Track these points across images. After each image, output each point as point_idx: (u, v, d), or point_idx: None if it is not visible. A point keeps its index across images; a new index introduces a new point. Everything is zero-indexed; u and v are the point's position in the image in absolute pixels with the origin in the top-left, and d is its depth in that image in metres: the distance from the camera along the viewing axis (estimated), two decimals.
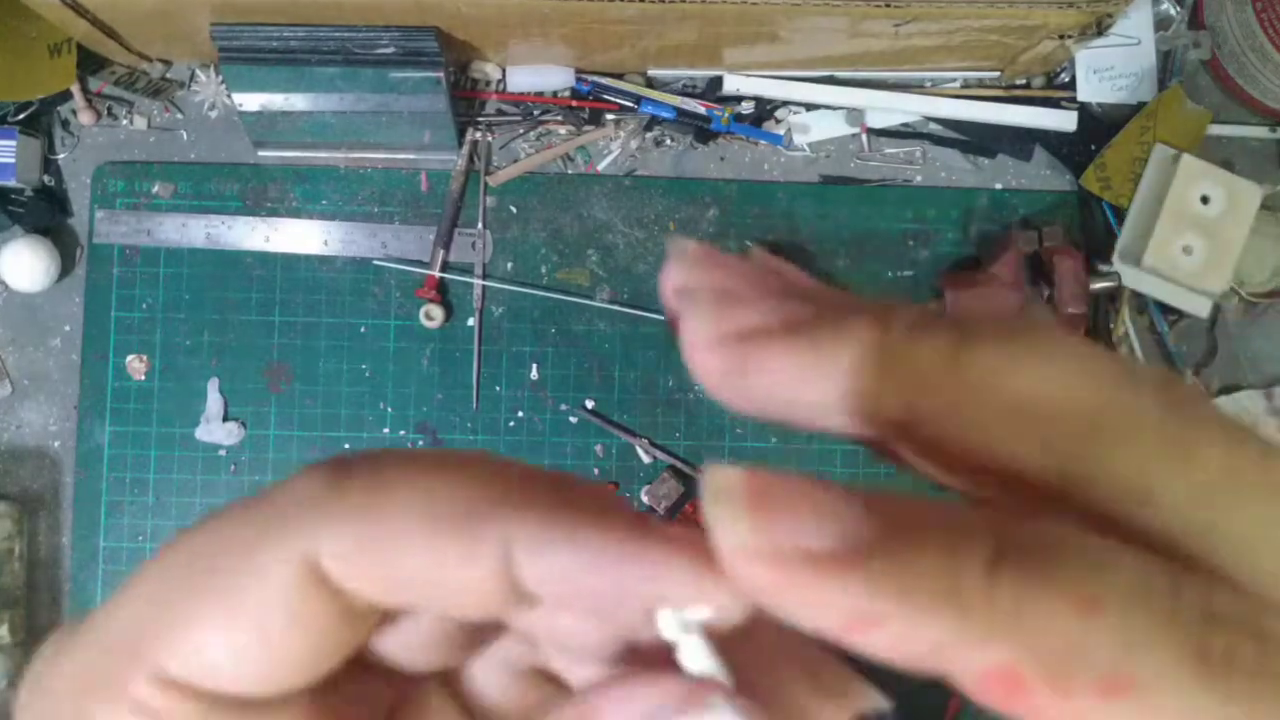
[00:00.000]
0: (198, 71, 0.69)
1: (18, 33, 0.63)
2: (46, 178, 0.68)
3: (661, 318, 0.68)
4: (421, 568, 0.16)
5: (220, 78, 0.67)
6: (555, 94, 0.68)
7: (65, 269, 0.67)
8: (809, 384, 0.15)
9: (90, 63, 0.67)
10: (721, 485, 0.15)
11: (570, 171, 0.69)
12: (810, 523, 0.14)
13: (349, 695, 0.19)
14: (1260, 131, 0.70)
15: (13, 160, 0.65)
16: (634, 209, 0.69)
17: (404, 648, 0.19)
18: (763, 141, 0.69)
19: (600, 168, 0.69)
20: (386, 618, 0.19)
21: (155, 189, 0.68)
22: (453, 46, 0.63)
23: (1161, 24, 0.69)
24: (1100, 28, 0.59)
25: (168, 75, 0.69)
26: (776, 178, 0.70)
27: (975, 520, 0.14)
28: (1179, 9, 0.69)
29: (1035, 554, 0.13)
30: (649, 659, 0.17)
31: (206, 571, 0.17)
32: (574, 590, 0.16)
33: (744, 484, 0.15)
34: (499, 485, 0.17)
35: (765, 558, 0.14)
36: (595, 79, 0.68)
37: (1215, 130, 0.69)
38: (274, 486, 0.17)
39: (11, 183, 0.65)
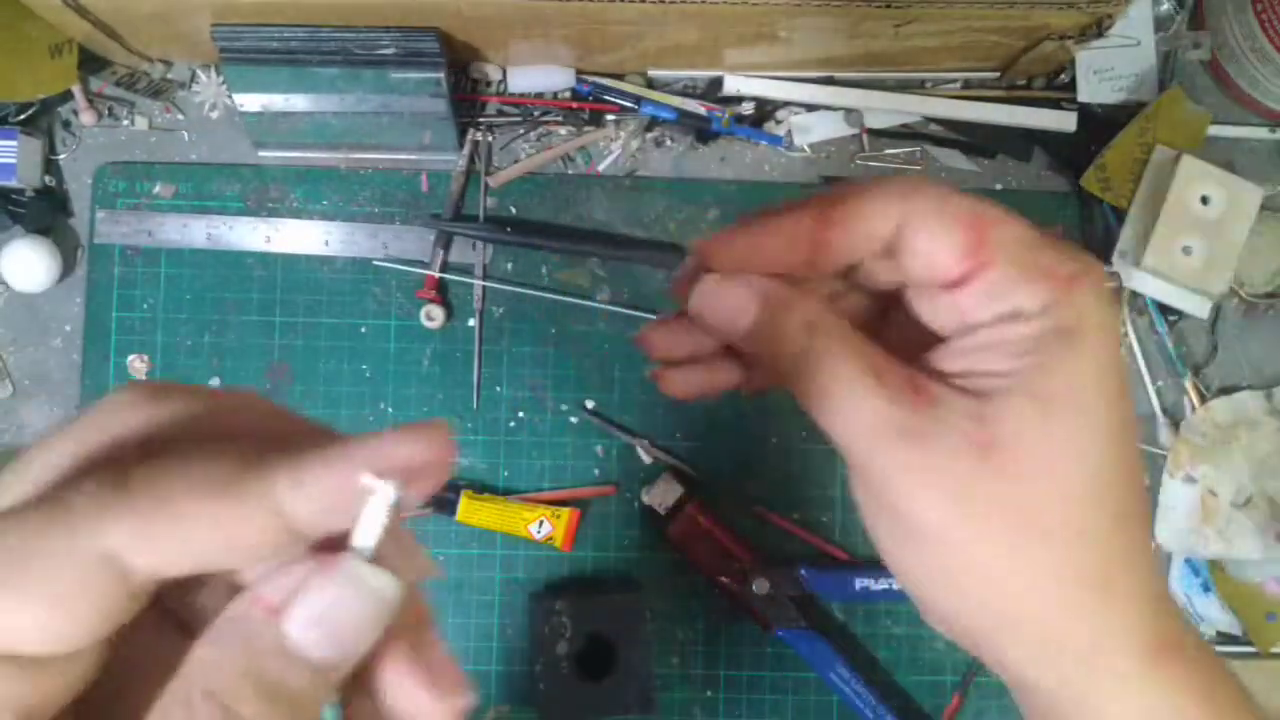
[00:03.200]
0: (199, 72, 0.69)
1: (19, 33, 0.63)
2: (47, 178, 0.68)
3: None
4: (207, 539, 0.20)
5: (221, 78, 0.67)
6: (556, 95, 0.69)
7: (66, 269, 0.67)
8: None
9: (91, 63, 0.67)
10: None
11: (571, 172, 0.69)
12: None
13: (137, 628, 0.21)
14: (1260, 132, 0.70)
15: (14, 161, 0.65)
16: (634, 210, 0.69)
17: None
18: (763, 142, 0.69)
19: (601, 169, 0.69)
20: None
21: (156, 189, 0.68)
22: (453, 47, 0.64)
23: (1162, 25, 0.69)
24: (1100, 29, 0.59)
25: (169, 76, 0.69)
26: (777, 178, 0.70)
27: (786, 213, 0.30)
28: (1179, 10, 0.69)
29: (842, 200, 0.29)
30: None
31: (11, 555, 0.19)
32: (334, 506, 0.20)
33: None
34: (249, 442, 0.21)
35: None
36: (596, 80, 0.68)
37: (1215, 131, 0.69)
38: (66, 484, 0.21)
39: (12, 183, 0.65)
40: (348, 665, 0.20)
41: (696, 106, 0.68)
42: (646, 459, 0.67)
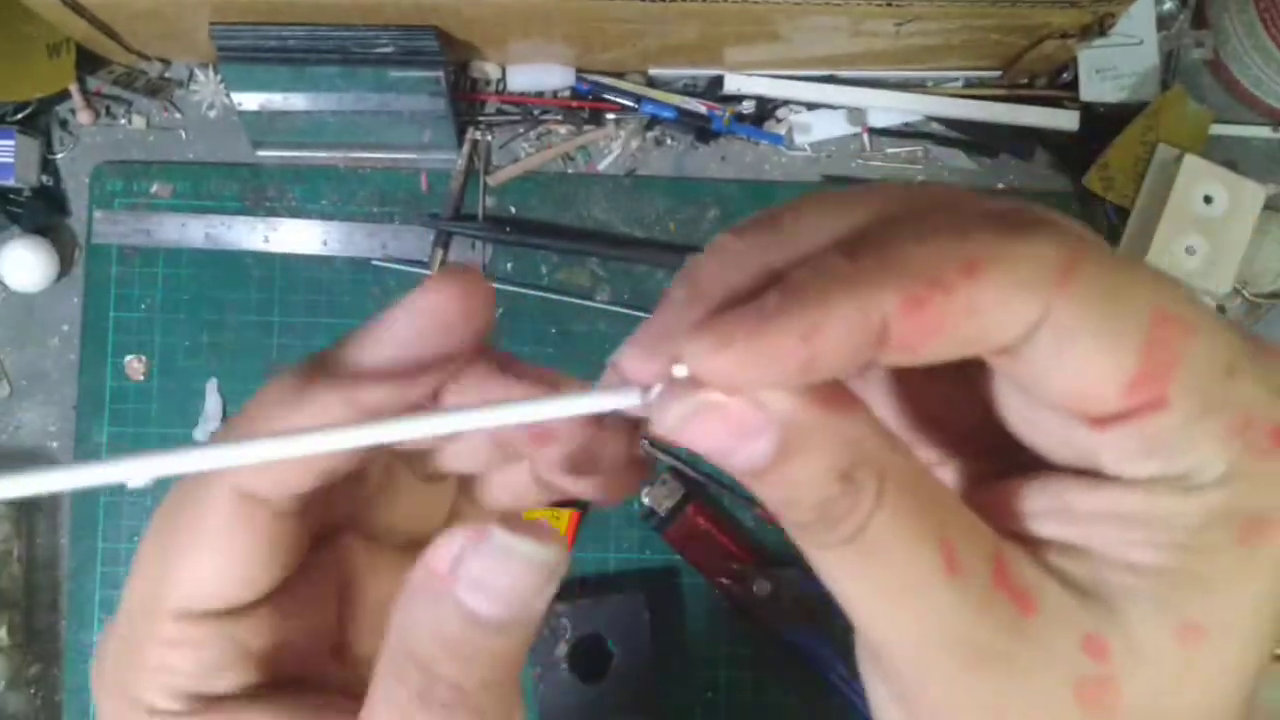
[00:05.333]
0: (196, 71, 0.68)
1: (16, 32, 0.62)
2: (45, 177, 0.68)
3: None
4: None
5: (219, 77, 0.67)
6: (555, 94, 0.68)
7: (63, 269, 0.67)
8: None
9: (89, 62, 0.67)
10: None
11: (570, 171, 0.69)
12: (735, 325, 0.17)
13: (301, 576, 0.24)
14: (1263, 131, 0.69)
15: (11, 160, 0.65)
16: (634, 209, 0.68)
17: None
18: (764, 141, 0.69)
19: (601, 168, 0.69)
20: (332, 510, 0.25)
21: (154, 189, 0.68)
22: (452, 46, 0.63)
23: (1164, 23, 0.69)
24: (1103, 27, 0.59)
25: (166, 75, 0.69)
26: (778, 178, 0.69)
27: (807, 271, 0.18)
28: (1182, 8, 0.69)
29: (882, 241, 0.18)
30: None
31: (176, 522, 0.23)
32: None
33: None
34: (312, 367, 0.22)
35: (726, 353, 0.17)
36: (595, 79, 0.67)
37: (1218, 130, 0.68)
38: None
39: (10, 182, 0.65)
40: (526, 620, 0.21)
41: (697, 105, 0.67)
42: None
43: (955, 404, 0.22)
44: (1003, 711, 0.18)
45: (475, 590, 0.20)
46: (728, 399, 0.18)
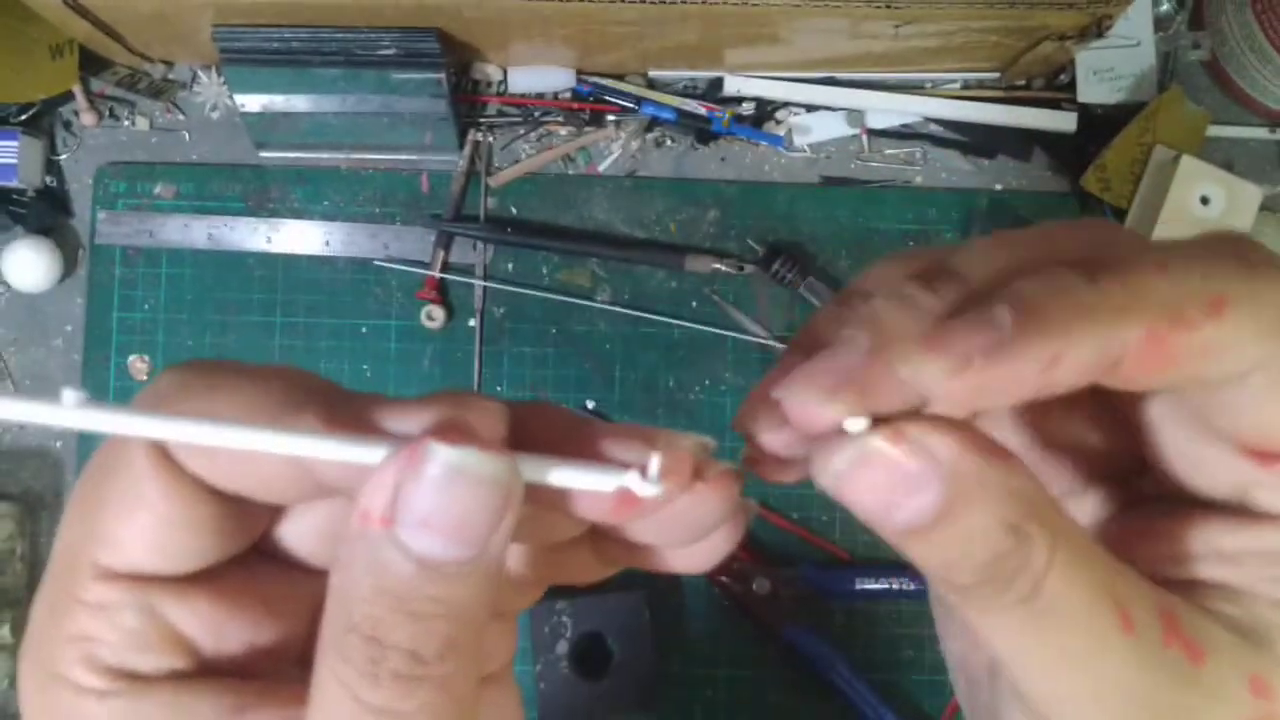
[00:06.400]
0: (199, 73, 0.69)
1: (19, 34, 0.63)
2: (49, 179, 0.68)
3: (660, 317, 0.68)
4: (226, 456, 0.19)
5: (222, 79, 0.67)
6: (556, 95, 0.69)
7: (67, 270, 0.67)
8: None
9: (92, 64, 0.67)
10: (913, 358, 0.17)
11: (571, 173, 0.69)
12: (969, 337, 0.17)
13: (267, 579, 0.22)
14: (1260, 133, 0.70)
15: (15, 161, 0.65)
16: (635, 210, 0.69)
17: (304, 550, 0.22)
18: (763, 143, 0.69)
19: (601, 169, 0.69)
20: (272, 511, 0.22)
21: (157, 190, 0.68)
22: (454, 48, 0.64)
23: (1161, 25, 0.69)
24: (1100, 29, 0.59)
25: (169, 76, 0.69)
26: (777, 179, 0.70)
27: (1047, 282, 0.17)
28: (1179, 10, 0.69)
29: (1109, 269, 0.17)
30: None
31: (101, 477, 0.20)
32: (345, 478, 0.19)
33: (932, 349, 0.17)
34: (299, 390, 0.20)
35: (961, 371, 0.17)
36: (596, 80, 0.68)
37: (1215, 131, 0.69)
38: (142, 391, 0.21)
39: (14, 184, 0.65)
40: (485, 562, 0.18)
41: (697, 107, 0.68)
42: None
43: (1084, 432, 0.21)
44: None
45: (419, 528, 0.17)
46: (893, 446, 0.17)
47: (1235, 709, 0.18)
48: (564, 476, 0.19)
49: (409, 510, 0.17)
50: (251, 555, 0.22)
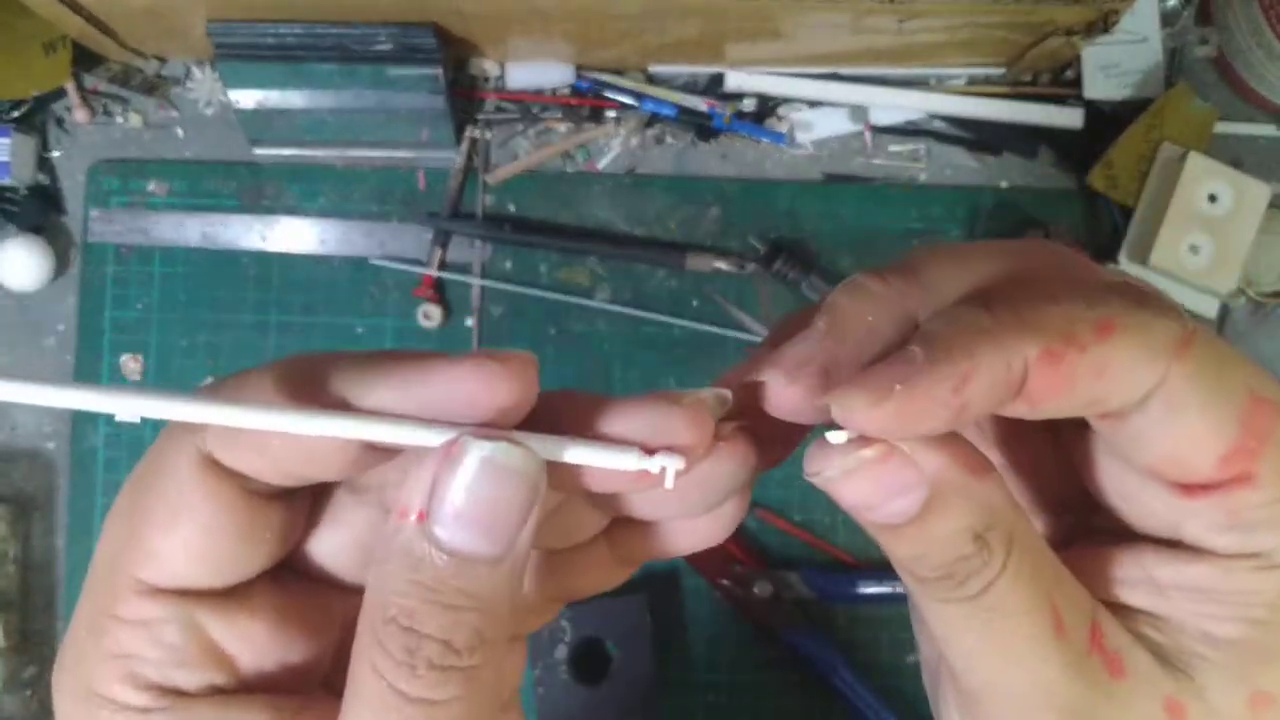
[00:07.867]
0: (193, 68, 0.68)
1: (12, 30, 0.62)
2: (41, 176, 0.67)
3: (661, 317, 0.67)
4: (281, 438, 0.20)
5: (216, 75, 0.67)
6: (555, 91, 0.68)
7: (59, 268, 0.66)
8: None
9: (85, 60, 0.66)
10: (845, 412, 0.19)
11: (570, 170, 0.69)
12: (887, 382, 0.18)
13: (301, 596, 0.22)
14: (1268, 129, 0.69)
15: (7, 159, 0.64)
16: (634, 207, 0.68)
17: (336, 566, 0.23)
18: (765, 139, 0.68)
19: (600, 166, 0.68)
20: (306, 521, 0.23)
21: (150, 187, 0.67)
22: (451, 43, 0.63)
23: (1168, 20, 0.68)
24: (1107, 24, 0.58)
25: (163, 72, 0.68)
26: (779, 176, 0.69)
27: (953, 323, 0.19)
28: (1186, 5, 0.69)
29: (1005, 300, 0.19)
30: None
31: (143, 489, 0.21)
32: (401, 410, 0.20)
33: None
34: (324, 363, 0.21)
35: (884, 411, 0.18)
36: (595, 76, 0.67)
37: (1222, 128, 0.68)
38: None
39: (6, 181, 0.65)
40: (513, 555, 0.19)
41: (697, 103, 0.67)
42: None
43: (1043, 463, 0.24)
44: None
45: (453, 522, 0.18)
46: (886, 456, 0.19)
47: None
48: (588, 454, 0.20)
49: (443, 503, 0.18)
50: (285, 573, 0.23)
